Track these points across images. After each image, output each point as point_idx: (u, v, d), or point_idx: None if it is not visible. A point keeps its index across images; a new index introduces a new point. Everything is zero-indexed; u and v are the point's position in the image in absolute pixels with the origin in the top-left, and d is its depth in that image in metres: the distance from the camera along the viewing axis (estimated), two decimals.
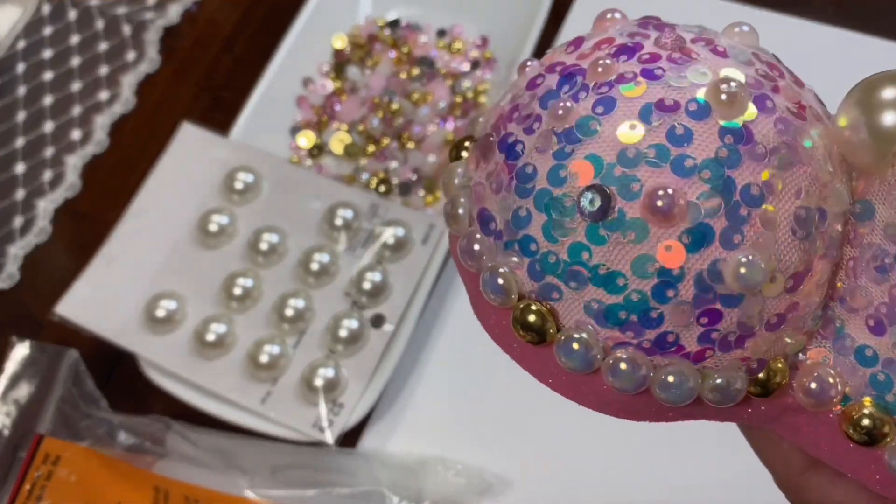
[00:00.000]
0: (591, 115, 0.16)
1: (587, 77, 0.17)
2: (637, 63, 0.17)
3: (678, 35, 0.18)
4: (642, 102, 0.16)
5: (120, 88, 0.49)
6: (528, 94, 0.18)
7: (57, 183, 0.46)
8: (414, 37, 0.48)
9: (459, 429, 0.38)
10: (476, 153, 0.19)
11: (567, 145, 0.16)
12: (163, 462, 0.36)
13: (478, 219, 0.18)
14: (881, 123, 0.17)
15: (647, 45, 0.17)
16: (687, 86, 0.16)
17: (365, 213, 0.41)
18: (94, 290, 0.39)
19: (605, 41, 0.18)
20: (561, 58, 0.18)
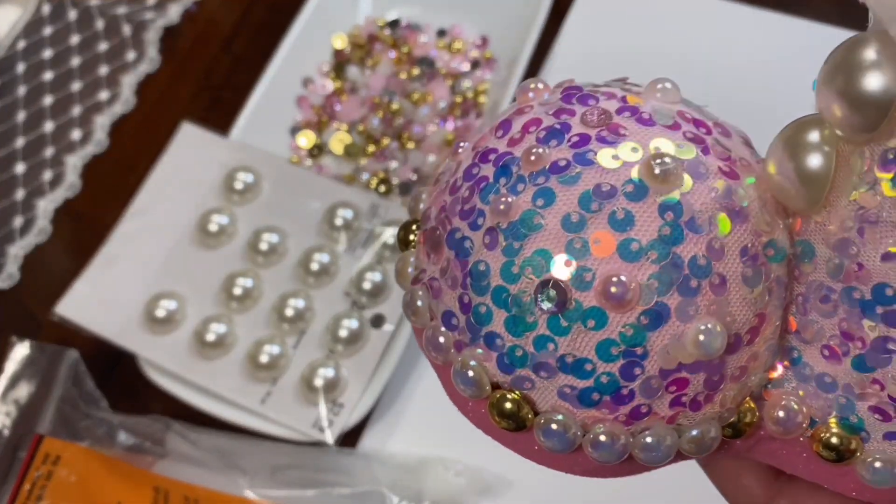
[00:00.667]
0: (533, 208, 0.17)
1: (522, 167, 0.17)
2: (568, 148, 0.17)
3: (603, 109, 0.18)
4: (580, 191, 0.17)
5: (120, 88, 0.49)
6: (466, 186, 0.18)
7: (57, 183, 0.46)
8: (414, 37, 0.48)
9: (459, 429, 0.37)
10: (426, 247, 0.19)
11: (514, 241, 0.17)
12: (163, 462, 0.36)
13: (440, 316, 0.19)
14: (807, 167, 0.17)
15: (575, 125, 0.18)
16: (620, 167, 0.17)
17: (365, 213, 0.41)
18: (94, 289, 0.39)
19: (532, 122, 0.18)
20: (492, 143, 0.18)
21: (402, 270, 0.20)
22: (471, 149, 0.19)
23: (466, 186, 0.18)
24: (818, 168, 0.17)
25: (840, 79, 0.16)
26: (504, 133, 0.18)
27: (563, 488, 0.36)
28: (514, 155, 0.18)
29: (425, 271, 0.19)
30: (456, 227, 0.18)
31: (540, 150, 0.17)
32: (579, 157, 0.17)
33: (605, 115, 0.18)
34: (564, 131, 0.18)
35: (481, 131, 0.19)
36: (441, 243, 0.18)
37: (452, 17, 0.48)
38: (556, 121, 0.18)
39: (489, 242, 0.17)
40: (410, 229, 0.20)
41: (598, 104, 0.18)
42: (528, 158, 0.17)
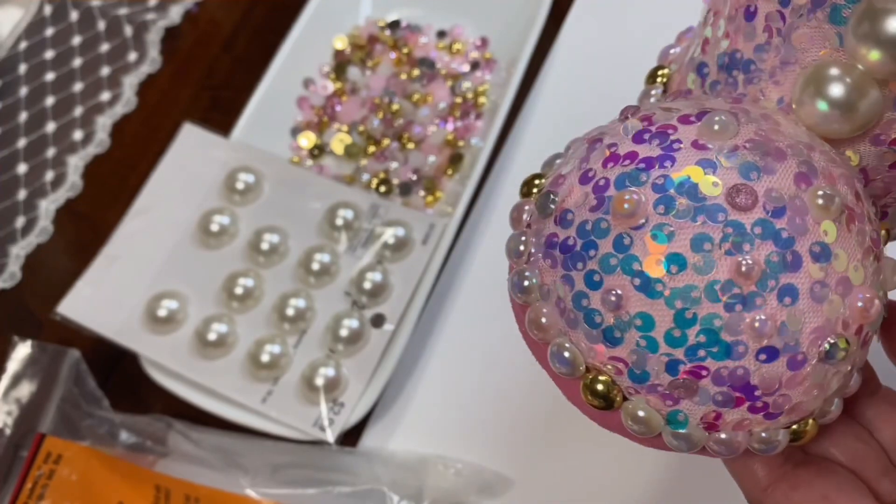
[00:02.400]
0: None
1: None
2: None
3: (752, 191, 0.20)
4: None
5: (121, 89, 0.49)
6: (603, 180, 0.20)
7: (58, 183, 0.47)
8: (414, 38, 0.48)
9: (459, 428, 0.38)
10: (552, 227, 0.21)
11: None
12: (164, 461, 0.36)
13: (549, 295, 0.21)
14: (833, 96, 0.20)
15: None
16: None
17: (365, 214, 0.41)
18: (95, 289, 0.39)
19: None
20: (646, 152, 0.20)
21: (518, 218, 0.22)
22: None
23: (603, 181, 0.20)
24: (843, 96, 0.19)
25: (865, 25, 0.19)
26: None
27: (563, 487, 0.36)
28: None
29: (535, 244, 0.21)
30: (586, 219, 0.20)
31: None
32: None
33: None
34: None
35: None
36: (570, 235, 0.20)
37: (452, 19, 0.48)
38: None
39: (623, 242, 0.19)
40: (534, 183, 0.23)
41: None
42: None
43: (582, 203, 0.20)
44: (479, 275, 0.41)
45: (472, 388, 0.38)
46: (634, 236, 0.19)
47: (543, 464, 0.36)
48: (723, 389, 0.19)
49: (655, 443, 0.21)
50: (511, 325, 0.43)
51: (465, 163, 0.44)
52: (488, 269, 0.41)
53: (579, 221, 0.20)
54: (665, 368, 0.19)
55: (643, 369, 0.20)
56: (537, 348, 0.22)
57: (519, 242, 0.22)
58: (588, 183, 0.21)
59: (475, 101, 0.46)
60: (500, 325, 0.40)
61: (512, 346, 0.39)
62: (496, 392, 0.38)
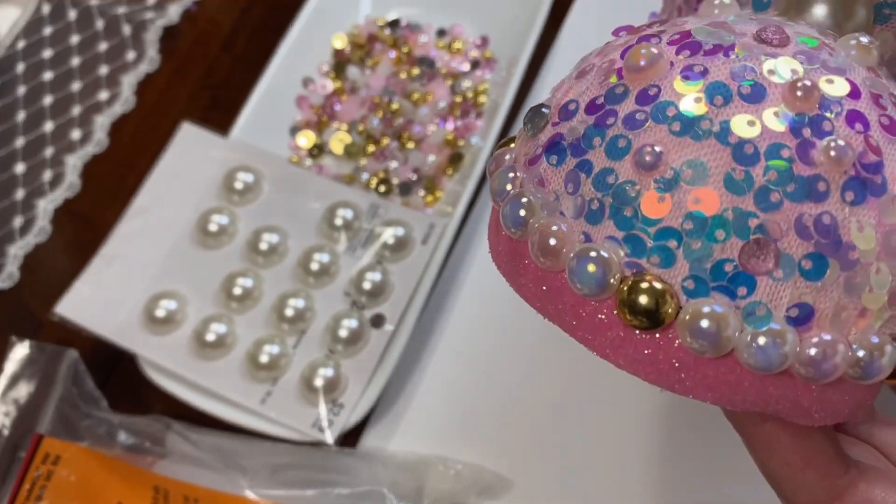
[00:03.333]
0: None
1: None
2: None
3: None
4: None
5: (120, 88, 0.49)
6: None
7: (57, 183, 0.46)
8: (414, 37, 0.48)
9: (459, 428, 0.38)
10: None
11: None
12: (163, 462, 0.36)
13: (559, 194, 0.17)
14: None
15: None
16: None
17: (365, 213, 0.41)
18: (94, 289, 0.39)
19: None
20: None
21: (498, 162, 0.19)
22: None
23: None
24: (828, 13, 0.18)
25: None
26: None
27: (563, 488, 0.36)
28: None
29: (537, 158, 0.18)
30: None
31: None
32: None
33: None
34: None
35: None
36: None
37: (452, 18, 0.48)
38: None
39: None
40: (540, 111, 0.19)
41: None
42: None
43: (585, 88, 0.18)
44: (479, 275, 0.41)
45: (472, 389, 0.38)
46: (662, 85, 0.16)
47: (543, 465, 0.36)
48: (810, 249, 0.15)
49: (714, 377, 0.16)
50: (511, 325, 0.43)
51: (465, 162, 0.44)
52: (488, 269, 0.41)
53: (587, 101, 0.17)
54: (734, 229, 0.15)
55: (705, 238, 0.15)
56: (549, 284, 0.17)
57: (505, 179, 0.18)
58: (587, 73, 0.18)
59: (475, 100, 0.46)
60: (501, 325, 0.40)
61: (512, 347, 0.39)
62: (496, 393, 0.38)
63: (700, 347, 0.15)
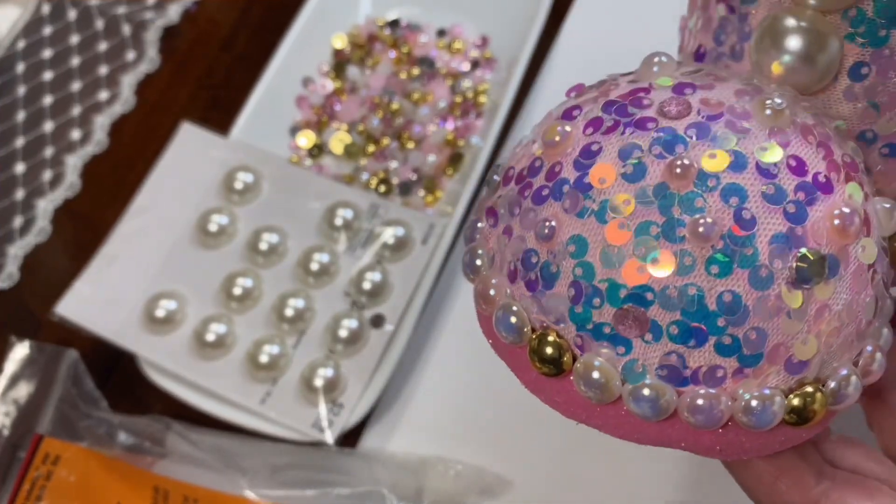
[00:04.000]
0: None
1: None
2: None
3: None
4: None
5: (119, 88, 0.49)
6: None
7: (57, 183, 0.46)
8: (414, 37, 0.48)
9: (459, 429, 0.38)
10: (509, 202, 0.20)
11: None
12: (163, 462, 0.36)
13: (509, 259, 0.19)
14: (793, 49, 0.19)
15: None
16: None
17: (365, 213, 0.41)
18: (93, 289, 0.39)
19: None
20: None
21: (481, 207, 0.21)
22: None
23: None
24: (802, 47, 0.18)
25: None
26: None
27: (563, 488, 0.36)
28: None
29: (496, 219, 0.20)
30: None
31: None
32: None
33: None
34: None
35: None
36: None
37: (452, 17, 0.48)
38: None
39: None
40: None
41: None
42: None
43: (521, 157, 0.20)
44: None
45: (473, 389, 0.38)
46: (564, 161, 0.18)
47: (544, 465, 0.36)
48: (676, 317, 0.17)
49: (613, 419, 0.18)
50: None
51: (465, 162, 0.44)
52: None
53: (519, 170, 0.19)
54: (606, 297, 0.17)
55: (584, 304, 0.17)
56: (487, 327, 0.20)
57: (473, 230, 0.21)
58: (531, 142, 0.20)
59: (475, 100, 0.46)
60: None
61: None
62: (496, 393, 0.38)
63: (593, 395, 0.18)
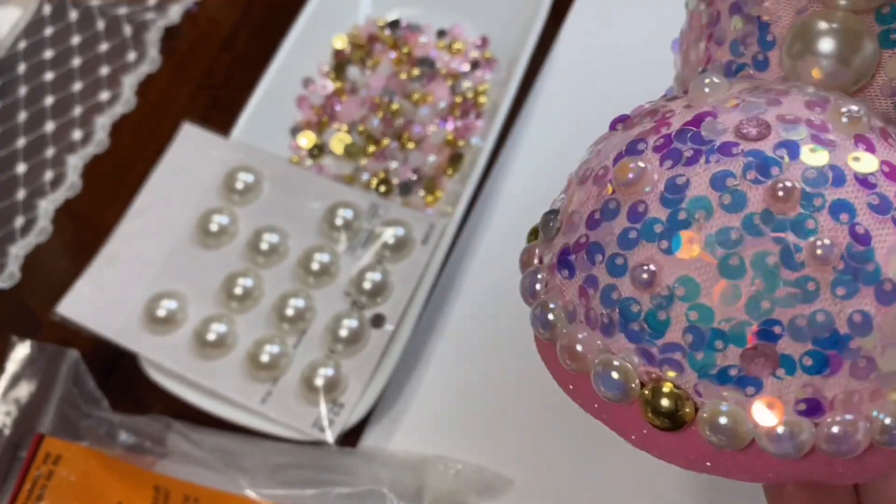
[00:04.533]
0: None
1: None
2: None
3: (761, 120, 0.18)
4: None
5: (120, 88, 0.49)
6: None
7: (58, 183, 0.47)
8: (414, 37, 0.48)
9: (460, 428, 0.38)
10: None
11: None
12: (163, 462, 0.36)
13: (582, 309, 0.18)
14: (826, 50, 0.18)
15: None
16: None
17: (365, 213, 0.41)
18: (94, 289, 0.39)
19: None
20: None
21: (527, 261, 0.20)
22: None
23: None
24: (837, 49, 0.18)
25: None
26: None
27: (564, 488, 0.36)
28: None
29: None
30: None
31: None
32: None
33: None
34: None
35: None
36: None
37: (452, 18, 0.48)
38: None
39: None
40: (549, 218, 0.20)
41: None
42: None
43: (585, 198, 0.18)
44: (479, 275, 0.41)
45: (473, 389, 0.38)
46: (648, 200, 0.17)
47: (544, 464, 0.36)
48: (808, 347, 0.16)
49: (743, 463, 0.17)
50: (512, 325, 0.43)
51: (465, 162, 0.44)
52: (488, 269, 0.41)
53: (587, 213, 0.18)
54: (731, 339, 0.16)
55: (705, 349, 0.16)
56: (577, 385, 0.19)
57: (534, 280, 0.19)
58: (587, 181, 0.19)
59: (475, 100, 0.46)
60: (501, 324, 0.40)
61: (513, 346, 0.39)
62: (497, 392, 0.38)
63: (719, 442, 0.17)
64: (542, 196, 0.43)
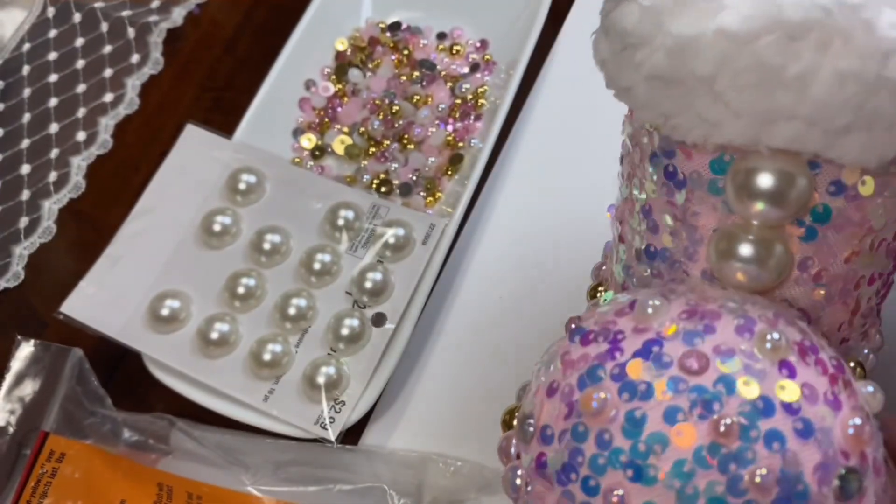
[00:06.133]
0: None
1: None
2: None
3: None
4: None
5: (124, 90, 0.50)
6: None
7: (62, 184, 0.47)
8: (414, 39, 0.49)
9: (460, 426, 0.38)
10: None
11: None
12: (166, 459, 0.37)
13: None
14: (742, 254, 0.22)
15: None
16: None
17: (366, 214, 0.41)
18: (98, 289, 0.40)
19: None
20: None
21: (506, 451, 0.23)
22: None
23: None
24: (752, 252, 0.21)
25: (741, 187, 0.21)
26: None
27: None
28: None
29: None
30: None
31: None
32: None
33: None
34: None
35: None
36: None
37: (452, 21, 0.49)
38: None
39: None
40: (513, 413, 0.24)
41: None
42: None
43: (555, 414, 0.21)
44: (479, 274, 0.41)
45: (473, 387, 0.39)
46: (612, 429, 0.20)
47: None
48: None
49: None
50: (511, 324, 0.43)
51: (464, 163, 0.44)
52: (488, 269, 0.42)
53: (559, 432, 0.21)
54: None
55: None
56: None
57: (514, 476, 0.22)
58: (555, 394, 0.22)
59: (475, 102, 0.46)
60: (500, 324, 0.40)
61: (512, 346, 0.39)
62: (496, 390, 0.38)
63: None
64: (541, 197, 0.43)
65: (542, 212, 0.43)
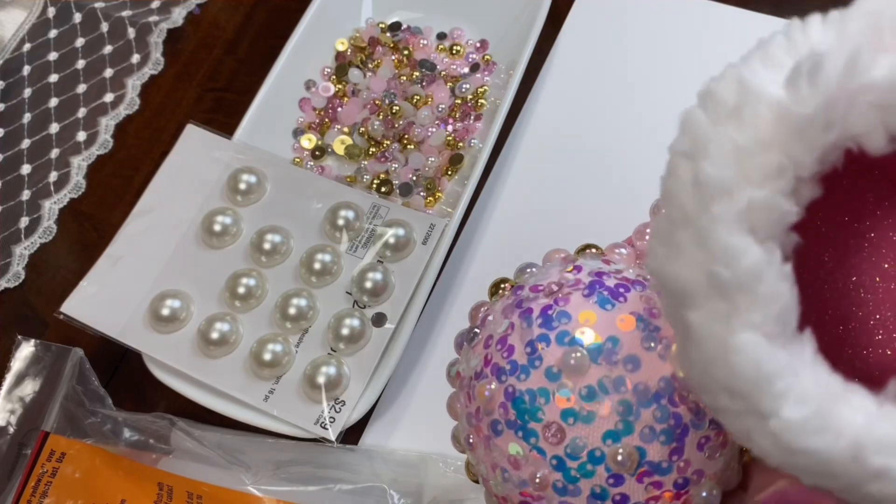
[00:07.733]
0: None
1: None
2: None
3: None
4: None
5: (124, 90, 0.50)
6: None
7: (62, 184, 0.47)
8: (415, 40, 0.49)
9: None
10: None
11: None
12: (167, 459, 0.37)
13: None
14: None
15: None
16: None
17: (366, 214, 0.41)
18: (99, 289, 0.40)
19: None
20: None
21: (475, 315, 0.28)
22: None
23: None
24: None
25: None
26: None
27: None
28: None
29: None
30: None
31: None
32: None
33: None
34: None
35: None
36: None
37: (452, 21, 0.49)
38: None
39: None
40: (500, 286, 0.29)
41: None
42: None
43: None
44: (479, 274, 0.41)
45: None
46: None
47: None
48: None
49: None
50: None
51: (464, 164, 0.44)
52: (488, 269, 0.42)
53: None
54: None
55: None
56: None
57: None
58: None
59: (475, 102, 0.46)
60: None
61: None
62: None
63: None
64: (540, 197, 0.43)
65: (541, 212, 0.43)
